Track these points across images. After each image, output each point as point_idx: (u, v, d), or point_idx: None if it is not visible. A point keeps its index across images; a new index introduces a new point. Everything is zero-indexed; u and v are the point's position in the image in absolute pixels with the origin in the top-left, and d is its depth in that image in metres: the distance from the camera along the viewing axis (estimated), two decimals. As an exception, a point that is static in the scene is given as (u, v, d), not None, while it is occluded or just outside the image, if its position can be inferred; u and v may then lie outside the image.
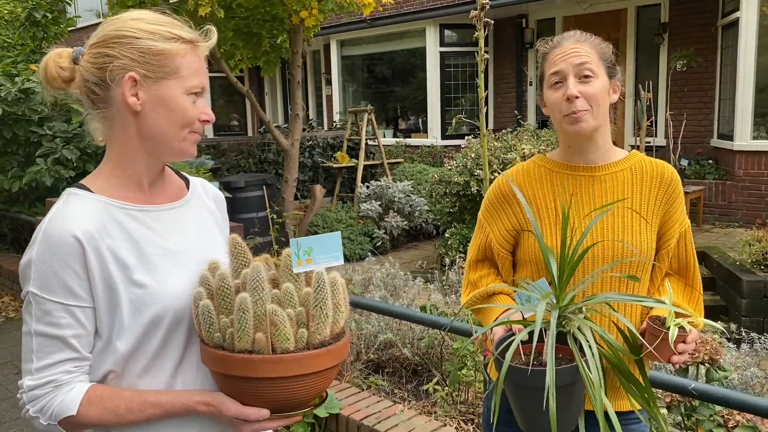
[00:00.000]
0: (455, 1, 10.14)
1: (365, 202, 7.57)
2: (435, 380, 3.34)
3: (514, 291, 1.59)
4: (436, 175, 6.43)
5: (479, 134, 2.48)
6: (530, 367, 1.28)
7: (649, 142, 8.23)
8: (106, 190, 1.24)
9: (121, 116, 1.22)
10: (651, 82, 8.34)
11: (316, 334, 1.16)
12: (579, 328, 1.32)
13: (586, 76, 1.47)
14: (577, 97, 1.46)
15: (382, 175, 8.88)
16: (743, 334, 3.33)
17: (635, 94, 8.66)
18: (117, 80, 1.19)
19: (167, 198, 1.32)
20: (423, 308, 3.29)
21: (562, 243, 1.35)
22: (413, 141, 11.05)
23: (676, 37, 8.47)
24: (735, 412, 2.19)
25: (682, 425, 2.26)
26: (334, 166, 8.94)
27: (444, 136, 10.66)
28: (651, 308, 1.52)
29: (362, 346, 3.66)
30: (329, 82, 12.70)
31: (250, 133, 14.63)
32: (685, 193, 7.17)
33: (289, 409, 1.20)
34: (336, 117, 12.35)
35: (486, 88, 2.29)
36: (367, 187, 7.82)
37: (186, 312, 1.22)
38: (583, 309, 1.40)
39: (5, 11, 6.96)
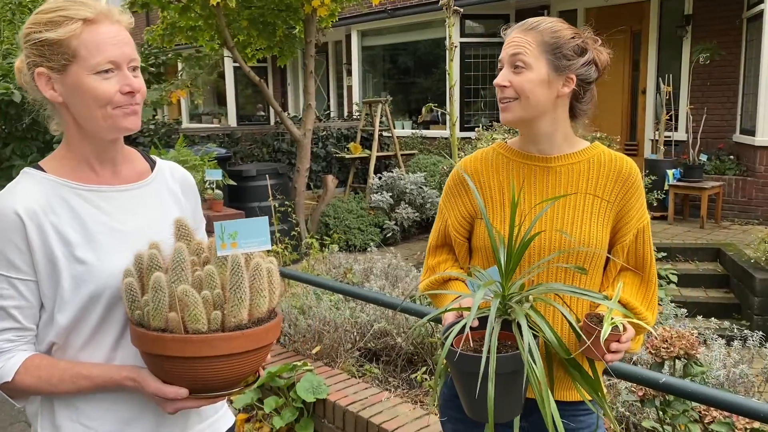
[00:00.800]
0: (476, -9, 10.06)
1: (377, 193, 7.57)
2: (423, 369, 3.35)
3: (466, 278, 1.60)
4: (446, 167, 6.42)
5: (489, 126, 2.47)
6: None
7: (668, 137, 8.09)
8: (58, 170, 1.28)
9: (57, 109, 1.27)
10: (673, 76, 8.18)
11: (231, 317, 1.16)
12: (526, 317, 1.32)
13: (517, 67, 1.46)
14: (505, 86, 1.47)
15: (395, 166, 8.88)
16: (746, 331, 3.27)
17: (656, 88, 8.50)
18: (36, 79, 1.23)
19: (124, 180, 1.35)
20: (412, 297, 3.30)
21: (510, 231, 1.35)
22: (430, 132, 11.01)
23: (699, 30, 8.28)
24: (712, 408, 2.16)
25: (659, 419, 2.23)
26: (347, 156, 8.97)
27: (462, 128, 10.61)
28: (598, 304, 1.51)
29: (356, 334, 3.68)
30: (350, 73, 12.72)
31: (272, 123, 14.73)
32: (703, 188, 7.04)
33: (208, 390, 1.21)
34: (355, 108, 12.38)
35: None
36: (380, 178, 7.82)
37: None
38: (530, 298, 1.40)
39: (27, 0, 7.08)
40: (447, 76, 2.44)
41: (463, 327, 1.32)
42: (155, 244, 1.24)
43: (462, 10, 2.38)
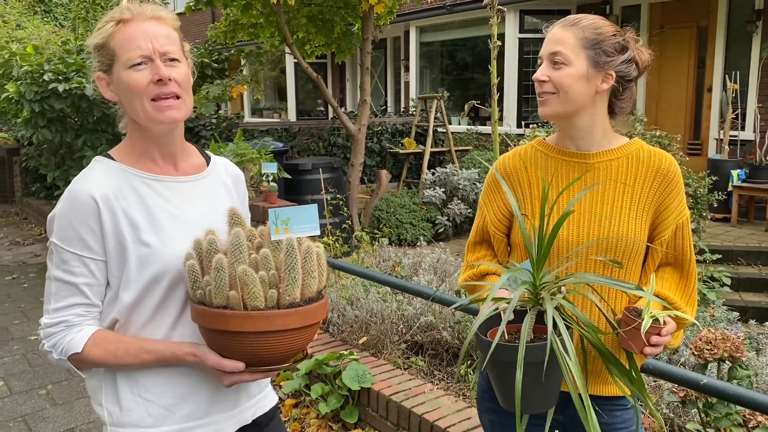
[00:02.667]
0: (537, -14, 9.92)
1: (429, 188, 7.61)
2: (467, 364, 3.38)
3: (504, 272, 1.63)
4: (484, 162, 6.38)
5: (546, 122, 2.48)
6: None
7: (734, 136, 7.80)
8: (126, 160, 1.40)
9: (120, 107, 1.41)
10: (740, 73, 7.87)
11: (285, 295, 1.26)
12: (557, 308, 1.35)
13: (557, 62, 1.49)
14: (544, 81, 1.49)
15: (449, 162, 8.88)
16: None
17: (722, 85, 8.20)
18: (97, 83, 1.39)
19: (183, 172, 1.46)
20: (458, 292, 3.33)
21: (540, 222, 1.38)
22: (486, 129, 10.94)
23: (771, 25, 7.94)
24: (757, 413, 2.13)
25: (702, 422, 2.21)
26: (401, 151, 9.02)
27: (519, 124, 10.49)
28: (638, 297, 1.51)
29: (402, 327, 3.74)
30: (407, 69, 12.75)
31: (329, 118, 14.94)
32: (769, 190, 6.77)
33: (263, 364, 1.30)
34: (411, 103, 12.41)
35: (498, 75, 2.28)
36: (433, 173, 7.85)
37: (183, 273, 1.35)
38: (563, 290, 1.42)
39: (100, -2, 7.42)
40: (488, 75, 2.47)
41: (496, 317, 1.37)
42: (212, 231, 1.34)
43: (505, 9, 2.39)
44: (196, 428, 1.40)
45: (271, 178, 4.77)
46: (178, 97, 1.34)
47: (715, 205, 6.73)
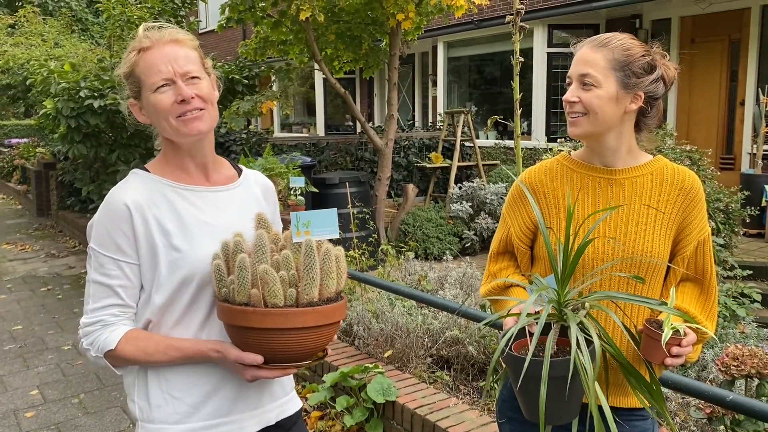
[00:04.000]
0: (565, 1, 9.91)
1: (456, 202, 7.61)
2: (493, 378, 3.37)
3: (526, 285, 1.65)
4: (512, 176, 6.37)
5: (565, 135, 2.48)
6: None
7: (767, 151, 7.66)
8: (160, 172, 1.50)
9: (154, 128, 1.50)
10: (774, 86, 7.75)
11: (304, 294, 1.32)
12: (580, 324, 1.36)
13: (587, 84, 1.51)
14: (575, 102, 1.52)
15: (477, 176, 8.88)
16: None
17: (755, 99, 8.08)
18: (131, 109, 1.49)
19: (215, 183, 1.55)
20: (483, 306, 3.33)
21: (566, 239, 1.39)
22: (513, 143, 10.91)
23: (805, 38, 7.81)
24: (788, 432, 2.09)
25: (730, 440, 2.18)
26: (428, 166, 9.05)
27: (549, 139, 10.45)
28: (660, 311, 1.52)
29: (428, 341, 3.75)
30: (435, 83, 12.82)
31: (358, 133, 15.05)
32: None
33: (281, 361, 1.37)
34: (438, 118, 12.45)
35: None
36: (460, 188, 7.86)
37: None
38: (586, 305, 1.43)
39: (135, 17, 7.65)
40: (513, 90, 2.49)
41: (520, 331, 1.38)
42: (239, 234, 1.41)
43: (532, 24, 2.41)
44: (219, 426, 1.46)
45: (299, 192, 4.84)
46: (201, 109, 1.44)
47: (748, 221, 6.61)
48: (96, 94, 6.63)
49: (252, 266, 1.31)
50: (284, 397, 1.60)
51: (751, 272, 5.43)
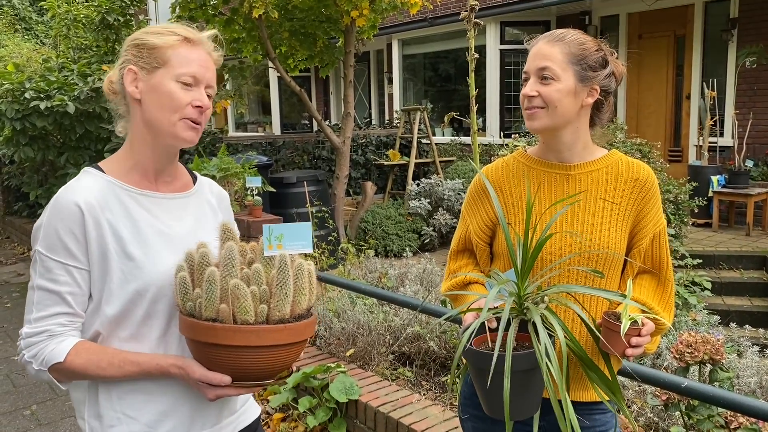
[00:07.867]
0: (517, -2, 10.04)
1: (415, 199, 7.64)
2: (455, 373, 3.39)
3: (486, 281, 1.66)
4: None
5: (525, 132, 2.53)
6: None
7: (713, 143, 7.92)
8: (116, 172, 1.41)
9: (131, 107, 1.41)
10: (718, 81, 8.02)
11: (276, 311, 1.26)
12: (542, 317, 1.38)
13: (546, 78, 1.53)
14: (534, 96, 1.53)
15: (434, 173, 8.93)
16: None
17: (700, 93, 8.34)
18: (124, 75, 1.39)
19: (171, 189, 1.48)
20: (443, 302, 3.35)
21: (525, 234, 1.41)
22: (469, 139, 11.02)
23: (745, 34, 8.10)
24: (739, 414, 2.16)
25: (685, 425, 2.24)
26: (386, 163, 9.07)
27: (504, 135, 10.58)
28: (618, 303, 1.55)
29: (390, 338, 3.75)
30: (391, 81, 12.84)
31: (315, 131, 14.95)
32: (749, 195, 6.88)
33: (249, 379, 1.30)
34: (395, 115, 12.48)
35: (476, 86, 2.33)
36: (418, 185, 7.89)
37: (169, 288, 1.35)
38: (546, 299, 1.45)
39: (82, 15, 7.43)
40: (468, 86, 2.51)
41: (480, 326, 1.39)
42: (204, 244, 1.34)
43: (485, 21, 2.43)
44: None
45: (255, 192, 4.78)
46: (200, 123, 1.41)
47: (696, 211, 6.83)
48: (42, 96, 6.41)
49: (221, 280, 1.25)
50: (242, 408, 1.54)
51: (701, 261, 5.61)
